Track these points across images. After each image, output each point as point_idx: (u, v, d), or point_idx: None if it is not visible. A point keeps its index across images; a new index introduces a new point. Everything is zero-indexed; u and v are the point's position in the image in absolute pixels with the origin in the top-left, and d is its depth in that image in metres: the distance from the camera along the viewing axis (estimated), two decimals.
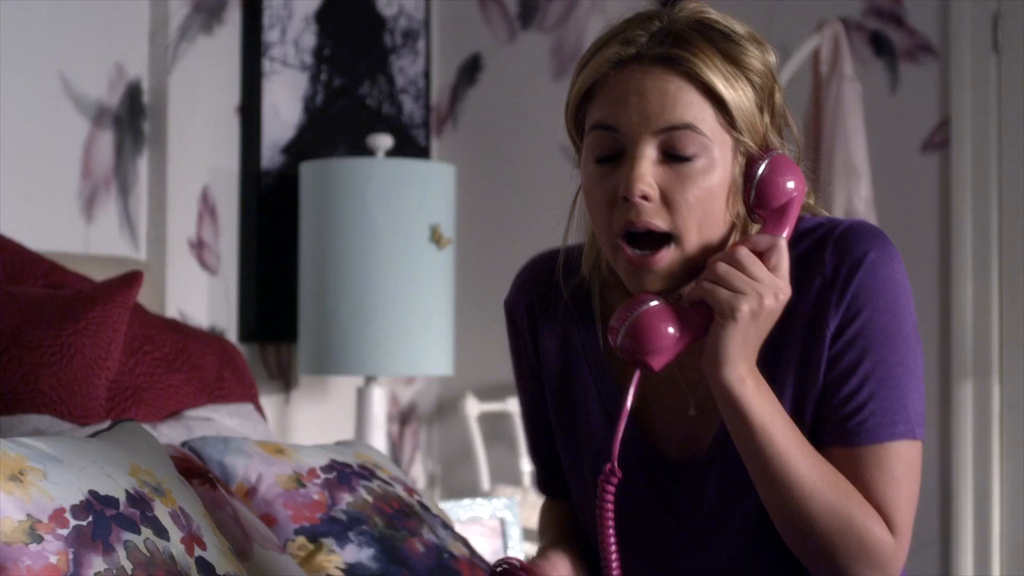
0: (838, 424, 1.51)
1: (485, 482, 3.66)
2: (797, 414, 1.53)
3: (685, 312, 1.51)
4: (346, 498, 2.32)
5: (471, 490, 3.78)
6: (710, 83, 1.46)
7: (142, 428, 1.98)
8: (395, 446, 3.81)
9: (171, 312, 3.13)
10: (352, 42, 3.64)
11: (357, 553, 2.23)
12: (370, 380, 3.31)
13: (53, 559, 1.64)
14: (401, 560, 2.22)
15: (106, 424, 2.24)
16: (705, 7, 1.52)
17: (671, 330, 1.49)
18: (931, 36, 3.44)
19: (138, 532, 1.74)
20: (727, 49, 1.48)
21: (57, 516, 1.68)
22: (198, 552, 1.82)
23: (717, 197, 1.50)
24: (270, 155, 3.39)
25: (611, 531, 1.52)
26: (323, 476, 2.34)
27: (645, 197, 1.47)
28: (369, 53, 3.70)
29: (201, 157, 3.24)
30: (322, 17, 3.56)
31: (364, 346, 3.19)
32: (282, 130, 3.44)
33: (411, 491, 2.45)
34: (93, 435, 1.94)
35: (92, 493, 1.74)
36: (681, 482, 1.60)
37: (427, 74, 3.88)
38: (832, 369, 1.52)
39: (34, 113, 2.88)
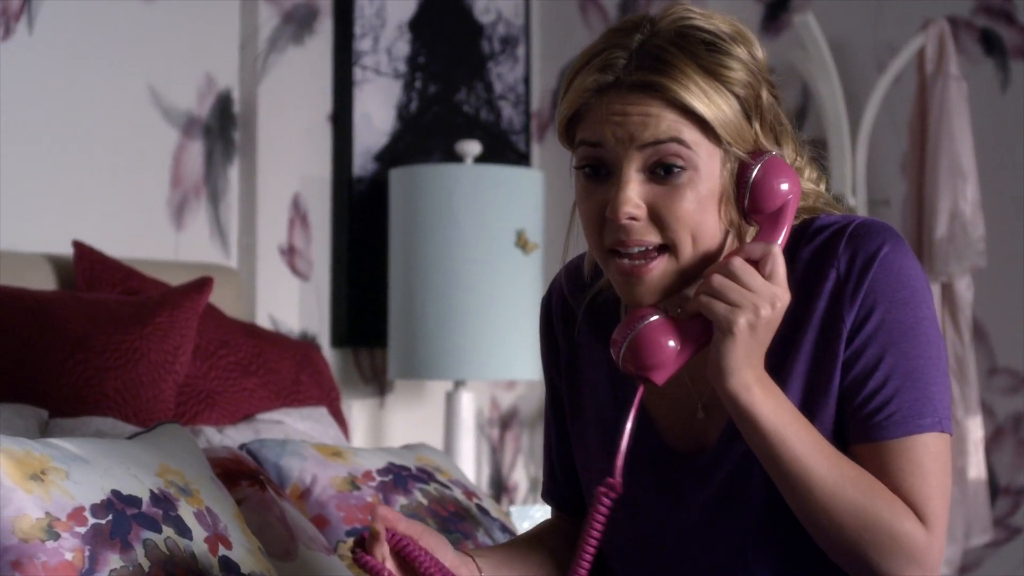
0: (864, 421, 1.50)
1: None
2: (808, 407, 1.52)
3: (685, 325, 1.50)
4: (400, 500, 2.34)
5: None
6: (689, 106, 1.45)
7: (181, 430, 2.02)
8: (496, 450, 3.83)
9: (261, 318, 3.18)
10: (448, 49, 3.67)
11: None
12: (459, 384, 3.33)
13: (69, 556, 1.68)
14: None
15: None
16: (689, 11, 1.50)
17: (672, 344, 1.49)
18: None
19: (159, 531, 1.78)
20: (708, 64, 1.46)
21: (76, 514, 1.72)
22: (222, 551, 1.85)
23: (708, 208, 1.49)
24: (362, 162, 3.43)
25: (593, 542, 1.51)
26: (379, 479, 2.36)
27: (633, 218, 1.48)
28: (466, 60, 3.72)
29: (292, 165, 3.29)
30: (416, 25, 3.58)
31: (452, 351, 3.21)
32: (375, 137, 3.47)
33: (471, 494, 2.46)
34: (132, 436, 1.99)
35: (115, 492, 1.78)
36: (686, 472, 1.59)
37: (527, 80, 3.88)
38: (853, 366, 1.51)
39: (124, 124, 2.95)
